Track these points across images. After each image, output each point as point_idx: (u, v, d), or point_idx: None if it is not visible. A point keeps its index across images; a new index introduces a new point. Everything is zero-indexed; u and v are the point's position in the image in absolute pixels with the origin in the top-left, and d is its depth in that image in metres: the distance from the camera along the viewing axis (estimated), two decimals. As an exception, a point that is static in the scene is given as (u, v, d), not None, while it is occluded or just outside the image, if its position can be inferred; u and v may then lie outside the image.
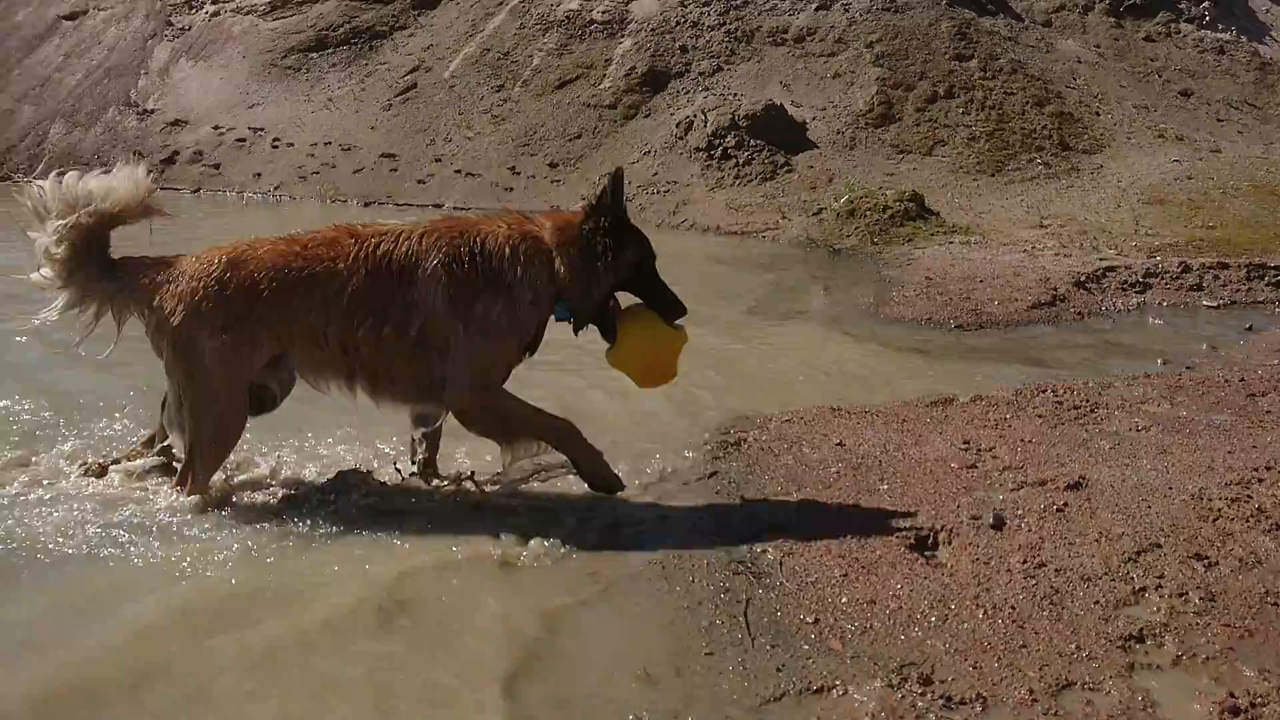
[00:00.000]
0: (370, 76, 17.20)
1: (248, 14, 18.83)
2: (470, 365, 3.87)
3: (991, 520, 3.84)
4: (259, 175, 15.65)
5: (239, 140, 16.40)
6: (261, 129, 16.54)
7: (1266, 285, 8.80)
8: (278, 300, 3.77)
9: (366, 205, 14.29)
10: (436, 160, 15.20)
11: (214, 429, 3.86)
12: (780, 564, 3.57)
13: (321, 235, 3.93)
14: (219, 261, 3.81)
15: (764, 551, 3.66)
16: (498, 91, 16.19)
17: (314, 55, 17.80)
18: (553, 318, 4.03)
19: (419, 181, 14.81)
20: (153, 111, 17.32)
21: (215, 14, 19.04)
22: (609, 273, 3.94)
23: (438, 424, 4.19)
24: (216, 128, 16.71)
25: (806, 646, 3.07)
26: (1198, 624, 3.15)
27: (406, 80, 16.88)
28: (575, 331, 4.09)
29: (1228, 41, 17.38)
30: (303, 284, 3.79)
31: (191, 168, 16.02)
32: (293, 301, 3.78)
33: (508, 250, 3.87)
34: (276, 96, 17.24)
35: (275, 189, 15.33)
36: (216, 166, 16.01)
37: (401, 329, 3.81)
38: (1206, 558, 3.53)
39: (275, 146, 16.13)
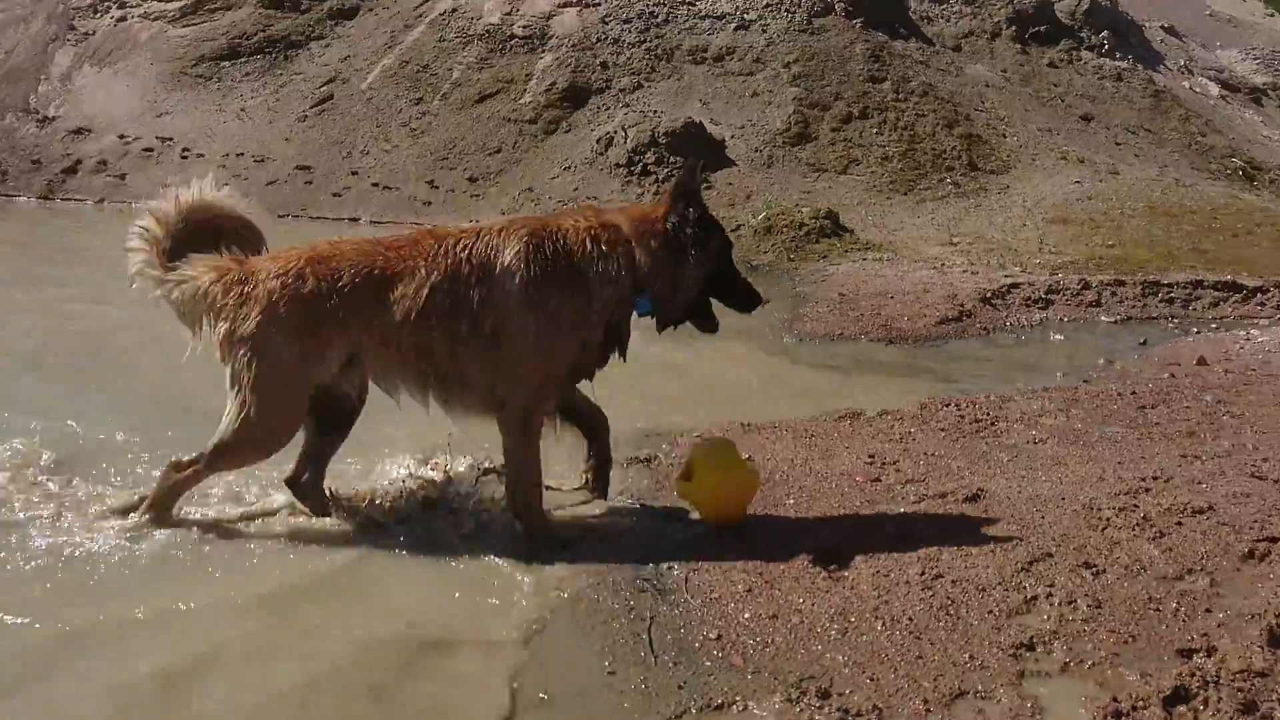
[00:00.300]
0: (285, 87, 16.83)
1: (156, 19, 18.25)
2: (533, 360, 3.79)
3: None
4: (168, 187, 15.12)
5: (146, 150, 15.85)
6: (170, 139, 16.02)
7: (1160, 301, 9.19)
8: (357, 301, 3.74)
9: (280, 218, 13.92)
10: (353, 173, 14.93)
11: (265, 432, 3.80)
12: (685, 581, 3.58)
13: (404, 236, 3.95)
14: (297, 264, 3.78)
15: (669, 568, 3.67)
16: (416, 104, 15.99)
17: (226, 64, 17.33)
18: (635, 314, 3.96)
19: (334, 194, 14.52)
20: (54, 119, 16.63)
21: (121, 19, 18.41)
22: (698, 265, 3.92)
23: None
24: (122, 137, 16.13)
25: (709, 663, 3.08)
26: (1085, 631, 3.25)
27: (322, 91, 16.56)
28: (659, 329, 4.06)
29: (1125, 69, 18.17)
30: (384, 284, 3.76)
31: (95, 178, 15.41)
32: (372, 302, 3.75)
33: (589, 241, 3.84)
34: (186, 106, 16.72)
35: (184, 201, 14.87)
36: (122, 177, 15.43)
37: (476, 324, 3.75)
38: (1095, 566, 3.65)
39: (185, 157, 15.62)
